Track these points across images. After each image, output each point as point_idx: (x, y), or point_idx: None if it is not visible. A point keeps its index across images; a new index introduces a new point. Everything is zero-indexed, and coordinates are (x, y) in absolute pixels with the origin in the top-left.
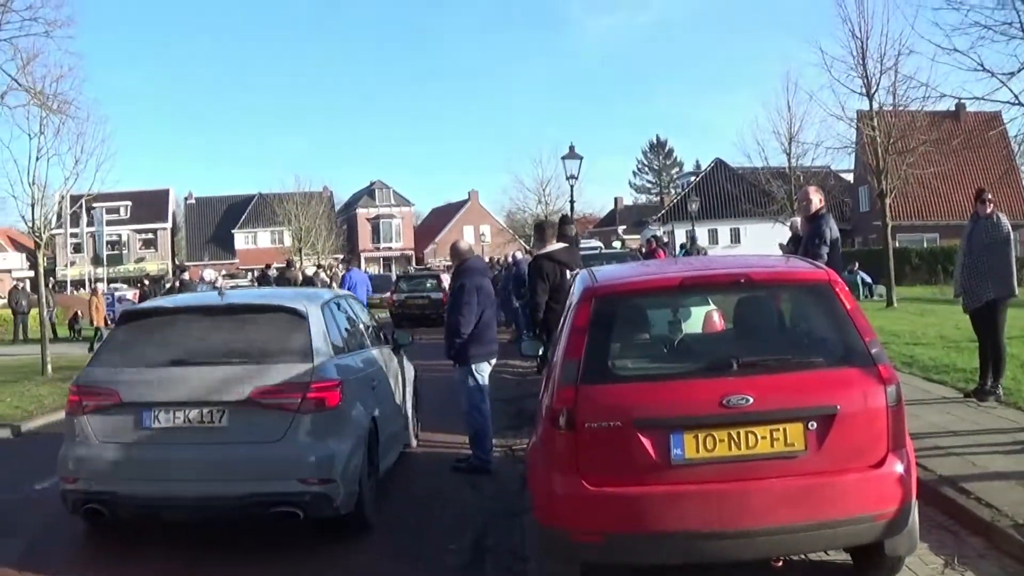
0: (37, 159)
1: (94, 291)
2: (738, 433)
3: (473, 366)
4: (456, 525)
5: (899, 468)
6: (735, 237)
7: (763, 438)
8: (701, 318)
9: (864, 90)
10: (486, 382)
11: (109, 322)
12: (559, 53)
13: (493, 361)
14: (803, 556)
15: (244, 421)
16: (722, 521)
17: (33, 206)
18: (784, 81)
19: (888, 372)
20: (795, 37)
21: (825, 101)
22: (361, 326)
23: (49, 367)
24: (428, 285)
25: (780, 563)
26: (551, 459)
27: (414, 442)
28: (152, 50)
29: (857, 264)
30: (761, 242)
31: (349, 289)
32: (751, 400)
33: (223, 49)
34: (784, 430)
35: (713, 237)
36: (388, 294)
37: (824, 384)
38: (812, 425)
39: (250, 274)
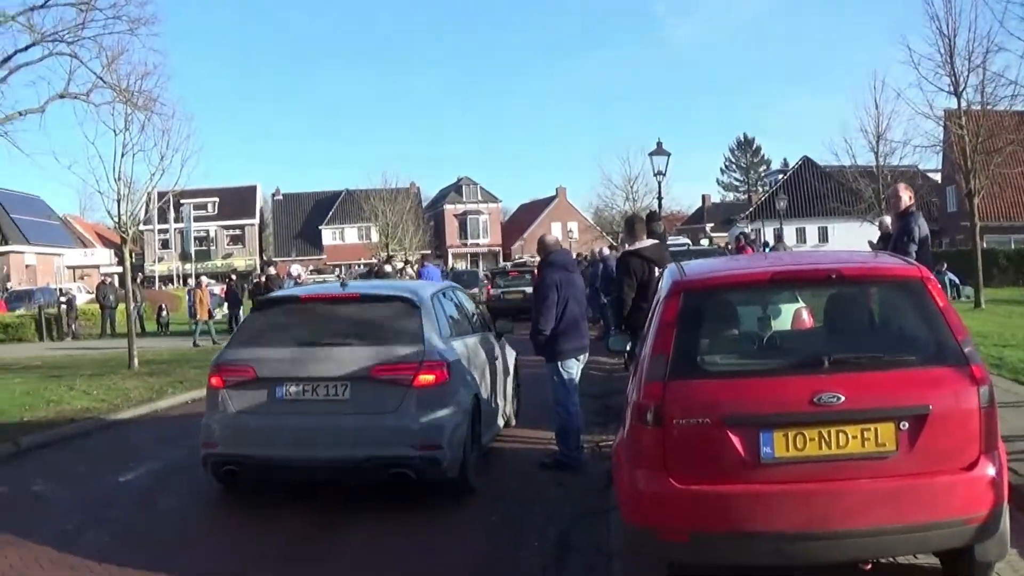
0: (123, 155)
1: (199, 284)
2: (829, 432)
3: (559, 363)
4: (541, 522)
5: (991, 471)
6: (823, 236)
7: (854, 438)
8: (791, 315)
9: (952, 88)
10: (573, 378)
11: (212, 314)
12: (648, 50)
13: (583, 358)
14: (892, 559)
15: (364, 394)
16: (811, 522)
17: (119, 202)
18: (872, 79)
19: (981, 372)
20: (883, 34)
21: (913, 99)
22: (467, 314)
23: (136, 361)
24: (523, 280)
25: (869, 567)
26: (638, 456)
27: (514, 420)
28: (239, 48)
29: (945, 264)
30: (849, 241)
31: None
32: (843, 399)
33: (310, 46)
34: (875, 430)
35: (801, 236)
36: (477, 289)
37: (916, 383)
38: (904, 425)
39: (338, 270)
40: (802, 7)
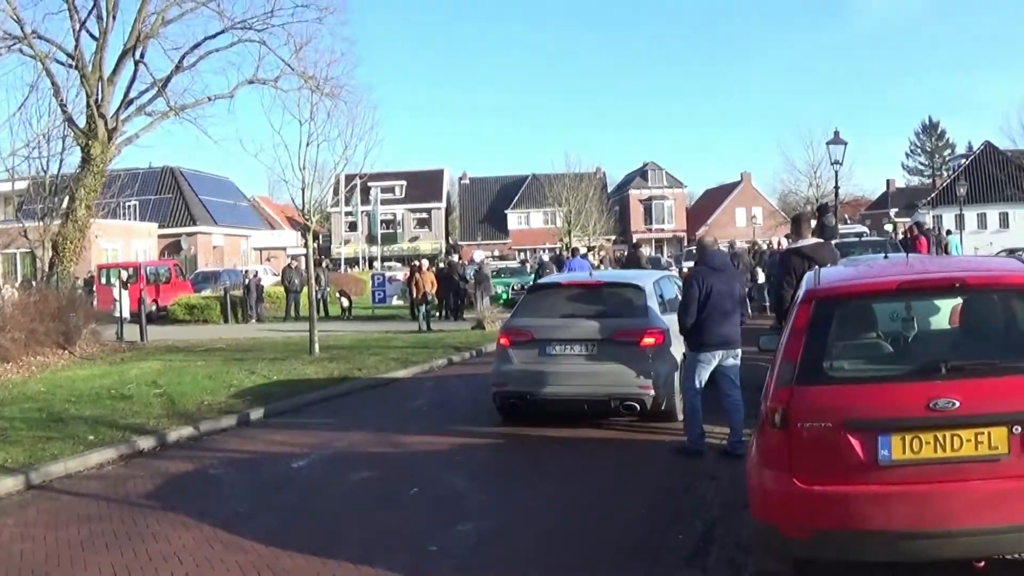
0: (307, 144)
1: (419, 268)
2: (944, 436)
3: (694, 352)
4: (689, 514)
5: None
6: (1003, 222)
7: (968, 441)
8: (948, 311)
9: None
10: (703, 368)
11: (431, 297)
12: (832, 33)
13: (721, 354)
14: (1004, 557)
15: (606, 351)
16: (926, 521)
17: (303, 190)
18: None
19: None
20: None
21: None
22: (679, 295)
23: (316, 346)
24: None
25: (982, 564)
26: (765, 455)
27: None
28: (427, 34)
29: None
30: None
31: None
32: (957, 404)
33: (496, 33)
34: (988, 433)
35: (982, 221)
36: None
37: None
38: (1016, 429)
39: (523, 254)
40: None
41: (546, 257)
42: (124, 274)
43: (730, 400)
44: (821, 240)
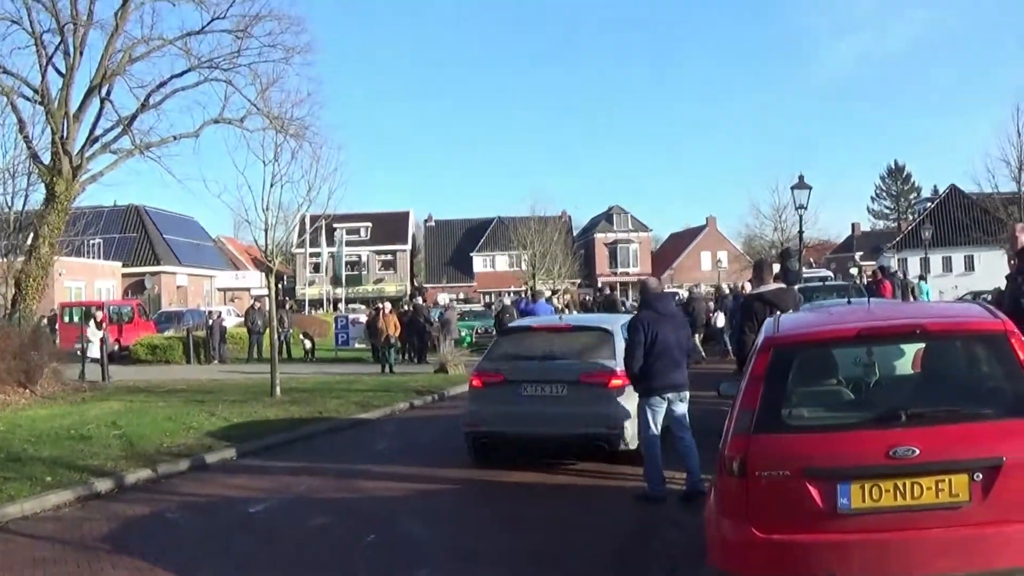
0: (271, 185)
1: (378, 310)
2: (904, 484)
3: (644, 398)
4: (650, 561)
5: None
6: (969, 265)
7: (928, 489)
8: (911, 356)
9: None
10: (655, 413)
11: (390, 340)
12: (798, 78)
13: (671, 396)
14: None
15: (575, 392)
16: (886, 570)
17: (266, 231)
18: (1013, 109)
19: None
20: None
21: None
22: None
23: (278, 389)
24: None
25: None
26: (723, 504)
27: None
28: (392, 75)
29: None
30: (994, 270)
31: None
32: (917, 452)
33: (463, 76)
34: (949, 481)
35: (947, 265)
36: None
37: (990, 436)
38: (977, 476)
39: (489, 296)
40: (961, 29)
41: (507, 301)
42: (100, 314)
43: (683, 443)
44: (783, 285)
